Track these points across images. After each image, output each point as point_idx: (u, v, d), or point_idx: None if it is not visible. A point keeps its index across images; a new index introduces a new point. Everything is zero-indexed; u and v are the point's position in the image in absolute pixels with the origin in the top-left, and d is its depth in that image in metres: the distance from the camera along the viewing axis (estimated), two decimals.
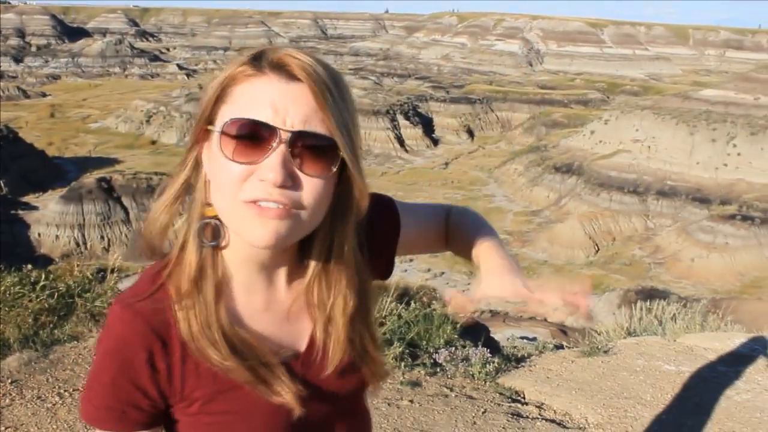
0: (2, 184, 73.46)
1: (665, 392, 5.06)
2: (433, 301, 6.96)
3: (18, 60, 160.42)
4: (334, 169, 1.16)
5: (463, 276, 63.08)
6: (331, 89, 1.13)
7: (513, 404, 4.83)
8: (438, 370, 5.31)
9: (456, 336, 6.02)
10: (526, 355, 6.30)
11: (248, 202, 1.11)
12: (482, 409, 4.62)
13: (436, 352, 5.47)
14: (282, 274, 1.29)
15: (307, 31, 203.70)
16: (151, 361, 1.19)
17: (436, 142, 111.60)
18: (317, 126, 1.13)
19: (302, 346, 1.31)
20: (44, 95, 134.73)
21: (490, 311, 50.65)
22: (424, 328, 5.94)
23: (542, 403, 4.93)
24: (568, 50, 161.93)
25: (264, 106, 1.11)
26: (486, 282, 1.43)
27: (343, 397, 1.36)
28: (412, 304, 6.21)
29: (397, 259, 1.59)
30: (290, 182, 1.11)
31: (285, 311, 1.30)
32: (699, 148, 77.74)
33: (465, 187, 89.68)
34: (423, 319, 6.02)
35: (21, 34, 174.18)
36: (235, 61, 1.17)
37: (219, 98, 1.16)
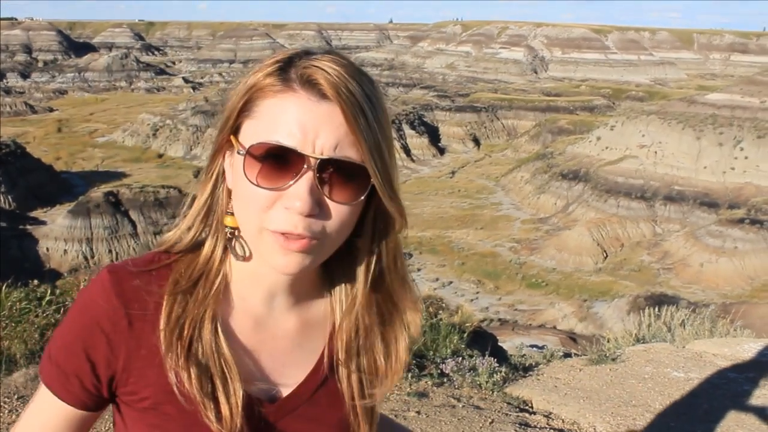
0: (10, 199, 73.81)
1: (674, 400, 5.03)
2: (440, 311, 6.93)
3: (25, 75, 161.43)
4: (363, 196, 1.09)
5: (471, 285, 63.04)
6: (364, 110, 1.04)
7: (521, 414, 4.80)
8: (445, 380, 5.29)
9: (463, 346, 6.00)
10: (533, 363, 6.27)
11: (273, 232, 1.05)
12: (490, 420, 4.59)
13: (443, 363, 5.45)
14: (292, 297, 1.21)
15: (312, 42, 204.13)
16: (112, 336, 1.13)
17: (442, 151, 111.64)
18: (348, 150, 1.04)
19: (295, 380, 1.21)
20: (51, 110, 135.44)
21: (499, 320, 50.58)
22: (431, 338, 5.93)
23: (550, 413, 4.91)
24: (573, 57, 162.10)
25: (292, 128, 1.03)
26: None
27: None
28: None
29: None
30: (317, 210, 1.04)
31: (282, 336, 1.21)
32: (706, 152, 77.53)
33: (472, 195, 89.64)
34: (430, 329, 6.01)
35: (28, 49, 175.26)
36: (262, 67, 1.08)
37: (243, 109, 1.08)
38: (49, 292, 5.55)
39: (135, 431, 1.18)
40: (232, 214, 1.13)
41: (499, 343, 8.43)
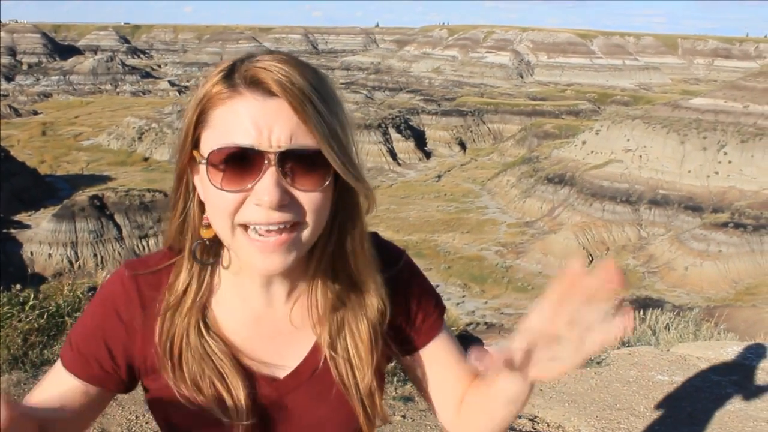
0: None
1: (658, 403, 5.05)
2: None
3: (9, 78, 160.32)
4: (328, 181, 1.12)
5: (458, 289, 63.08)
6: (312, 99, 1.08)
7: None
8: None
9: None
10: None
11: (248, 231, 1.10)
12: None
13: None
14: (283, 284, 1.26)
15: (299, 46, 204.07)
16: (130, 324, 1.24)
17: (428, 155, 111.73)
18: (303, 140, 1.08)
19: (295, 361, 1.28)
20: (36, 113, 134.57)
21: (486, 323, 50.63)
22: None
23: (535, 416, 4.91)
24: (559, 61, 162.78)
25: (246, 129, 1.06)
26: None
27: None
28: None
29: None
30: (287, 200, 1.08)
31: (281, 323, 1.27)
32: (690, 156, 78.04)
33: (458, 199, 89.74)
34: None
35: (12, 52, 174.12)
36: (209, 78, 1.12)
37: (198, 122, 1.11)
38: (32, 296, 5.49)
39: (159, 406, 1.29)
40: (209, 226, 1.18)
41: (485, 347, 8.43)
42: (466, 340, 7.69)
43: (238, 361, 1.25)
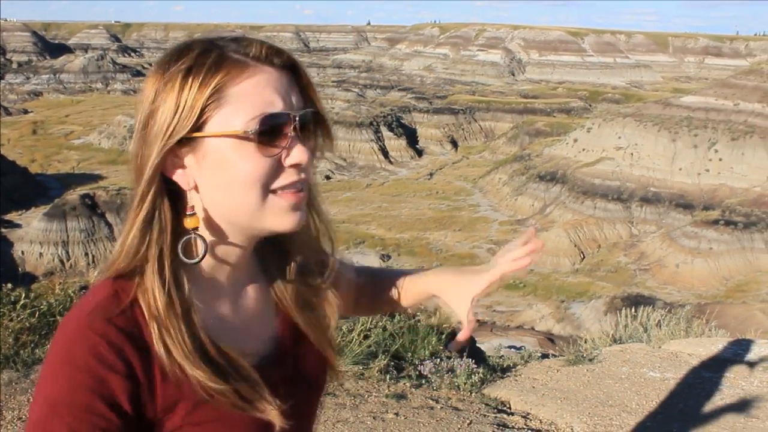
0: None
1: (650, 399, 5.07)
2: (418, 313, 6.93)
3: None
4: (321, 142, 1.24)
5: None
6: (308, 73, 1.22)
7: (499, 415, 4.82)
8: (423, 381, 5.29)
9: (441, 347, 6.00)
10: (511, 364, 6.30)
11: (284, 191, 1.15)
12: (468, 421, 4.60)
13: (422, 364, 5.45)
14: (246, 271, 1.29)
15: (290, 44, 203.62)
16: (131, 374, 1.09)
17: (420, 153, 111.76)
18: (313, 106, 1.21)
19: (271, 344, 1.30)
20: (26, 112, 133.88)
21: (477, 321, 50.65)
22: (409, 340, 5.93)
23: (528, 413, 4.93)
24: (550, 59, 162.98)
25: (272, 98, 1.14)
26: (462, 290, 1.44)
27: (310, 393, 1.37)
28: (397, 316, 6.18)
29: None
30: (309, 161, 1.17)
31: (252, 310, 1.29)
32: (681, 154, 78.31)
33: (450, 197, 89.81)
34: (408, 330, 6.01)
35: (2, 50, 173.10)
36: (212, 65, 1.13)
37: (208, 105, 1.12)
38: (23, 295, 5.48)
39: None
40: (192, 214, 1.17)
41: (477, 345, 8.45)
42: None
43: (234, 344, 1.22)
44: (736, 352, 6.10)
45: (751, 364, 5.79)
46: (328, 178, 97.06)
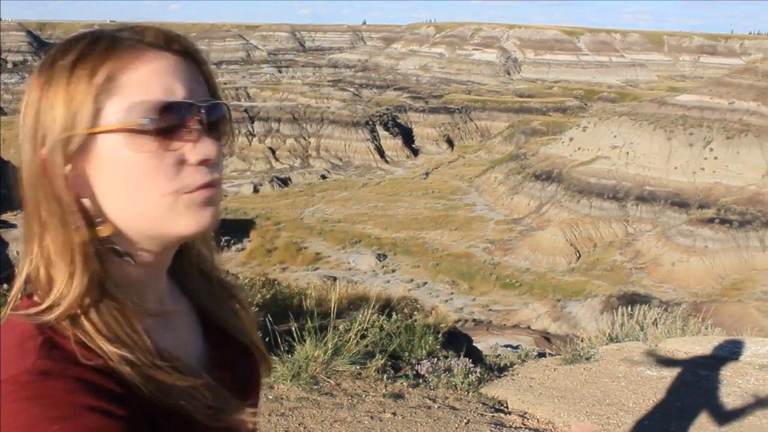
0: None
1: (647, 398, 5.08)
2: (415, 312, 6.93)
3: None
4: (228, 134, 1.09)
5: (446, 286, 63.17)
6: (207, 60, 1.09)
7: (496, 414, 4.82)
8: (420, 381, 5.29)
9: (438, 347, 6.01)
10: (508, 364, 6.30)
11: (194, 190, 1.00)
12: (465, 420, 4.60)
13: (419, 364, 5.46)
14: (165, 275, 1.16)
15: (285, 43, 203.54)
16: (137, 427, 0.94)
17: (416, 152, 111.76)
18: (216, 96, 1.08)
19: (203, 352, 1.19)
20: None
21: (474, 320, 50.71)
22: (406, 340, 5.93)
23: (525, 412, 4.93)
24: (545, 58, 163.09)
25: (172, 86, 1.00)
26: None
27: (253, 395, 1.27)
28: (394, 316, 6.19)
29: (379, 270, 1.51)
30: (219, 156, 1.04)
31: (178, 319, 1.16)
32: (676, 152, 78.40)
33: (446, 196, 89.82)
34: (405, 330, 6.01)
35: None
36: (100, 54, 0.99)
37: (98, 98, 0.97)
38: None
39: None
40: (104, 221, 1.01)
41: (474, 344, 8.47)
42: (455, 337, 7.71)
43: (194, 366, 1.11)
44: (732, 351, 6.11)
45: (748, 362, 5.81)
46: (324, 177, 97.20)
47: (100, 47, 0.99)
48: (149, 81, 0.99)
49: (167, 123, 0.98)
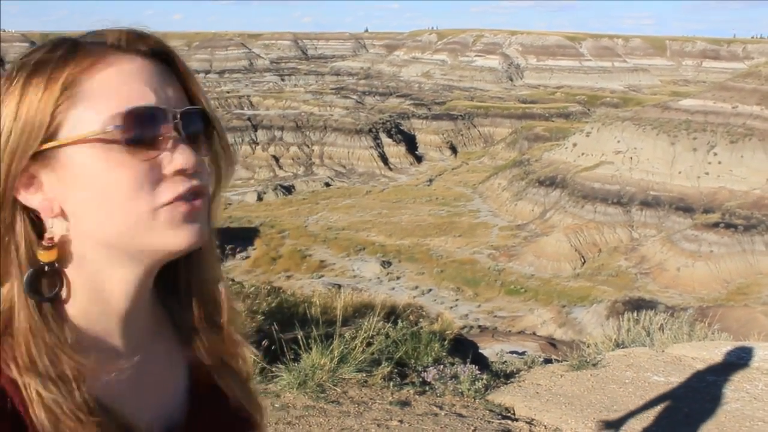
0: None
1: (654, 404, 5.06)
2: (421, 319, 6.92)
3: None
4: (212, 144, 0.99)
5: (451, 293, 63.13)
6: (185, 62, 0.99)
7: (503, 421, 4.81)
8: (427, 388, 5.28)
9: (444, 354, 6.00)
10: (515, 370, 6.29)
11: (172, 202, 0.90)
12: (472, 427, 4.59)
13: (425, 371, 5.45)
14: (144, 318, 1.01)
15: (288, 52, 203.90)
16: None
17: (419, 159, 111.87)
18: (194, 101, 0.97)
19: (179, 410, 1.04)
20: None
21: (479, 327, 50.62)
22: (412, 347, 5.92)
23: (532, 419, 4.91)
24: (548, 64, 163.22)
25: (140, 91, 0.91)
26: None
27: None
28: (400, 323, 6.18)
29: (384, 277, 1.45)
30: (199, 166, 0.94)
31: (153, 367, 1.02)
32: (680, 157, 78.35)
33: (449, 203, 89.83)
34: (411, 337, 6.00)
35: (0, 62, 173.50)
36: (60, 59, 0.90)
37: (58, 107, 0.88)
38: None
39: None
40: (50, 247, 0.90)
41: (480, 350, 8.45)
42: (461, 344, 7.69)
43: (141, 413, 0.97)
44: (739, 356, 6.09)
45: (756, 367, 5.79)
46: (327, 185, 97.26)
47: (59, 52, 0.90)
48: (113, 85, 0.90)
49: (137, 131, 0.89)
